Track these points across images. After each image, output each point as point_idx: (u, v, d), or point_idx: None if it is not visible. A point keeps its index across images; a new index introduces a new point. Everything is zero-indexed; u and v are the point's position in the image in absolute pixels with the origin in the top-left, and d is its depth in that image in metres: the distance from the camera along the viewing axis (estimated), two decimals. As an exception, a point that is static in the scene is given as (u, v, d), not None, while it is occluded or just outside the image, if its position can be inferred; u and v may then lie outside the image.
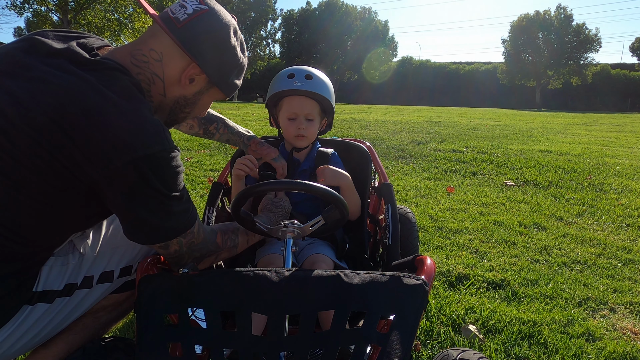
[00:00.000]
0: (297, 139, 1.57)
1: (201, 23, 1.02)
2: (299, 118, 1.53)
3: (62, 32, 1.05)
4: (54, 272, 1.07)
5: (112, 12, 20.20)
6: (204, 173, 4.69)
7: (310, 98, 1.51)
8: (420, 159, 5.70)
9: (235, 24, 1.11)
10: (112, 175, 0.89)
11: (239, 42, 1.12)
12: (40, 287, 1.04)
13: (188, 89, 1.11)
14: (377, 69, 45.35)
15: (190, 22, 1.01)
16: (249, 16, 40.37)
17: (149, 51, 1.03)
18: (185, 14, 1.01)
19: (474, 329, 1.80)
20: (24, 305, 1.02)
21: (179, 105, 1.14)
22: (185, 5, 1.03)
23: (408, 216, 2.17)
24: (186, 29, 1.01)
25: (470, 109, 23.69)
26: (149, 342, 0.96)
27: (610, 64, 45.37)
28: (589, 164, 5.49)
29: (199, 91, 1.13)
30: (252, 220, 1.26)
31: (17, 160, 0.88)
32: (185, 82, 1.08)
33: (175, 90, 1.09)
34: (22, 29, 49.58)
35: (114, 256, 1.20)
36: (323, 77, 1.53)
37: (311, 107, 1.53)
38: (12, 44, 1.00)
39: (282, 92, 1.51)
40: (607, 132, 10.31)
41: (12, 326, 1.01)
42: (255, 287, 1.01)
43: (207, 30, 1.03)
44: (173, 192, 0.98)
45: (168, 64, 1.05)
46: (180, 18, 1.01)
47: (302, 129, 1.53)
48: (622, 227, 3.24)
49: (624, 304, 2.11)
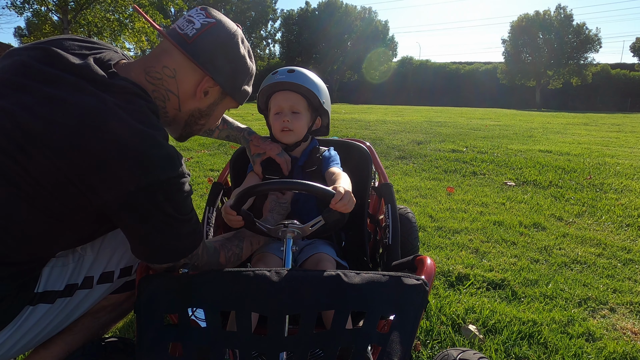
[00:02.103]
0: (283, 134, 1.54)
1: (210, 37, 1.04)
2: (283, 112, 1.53)
3: (78, 42, 1.05)
4: (54, 273, 1.07)
5: (112, 12, 20.18)
6: (204, 173, 4.69)
7: (294, 92, 1.51)
8: (420, 159, 5.70)
9: (242, 33, 1.13)
10: (125, 199, 0.91)
11: (247, 50, 1.14)
12: (42, 287, 1.04)
13: (202, 102, 1.13)
14: (377, 69, 45.33)
15: (200, 37, 1.03)
16: (249, 16, 40.39)
17: (162, 68, 1.05)
18: (194, 29, 1.03)
19: (474, 329, 1.80)
20: (25, 306, 1.02)
21: (194, 117, 1.16)
22: (193, 20, 1.05)
23: (408, 216, 2.17)
24: (196, 44, 1.03)
25: (470, 109, 23.69)
26: (149, 342, 0.96)
27: (610, 64, 45.31)
28: (589, 164, 5.49)
29: (213, 103, 1.15)
30: (252, 220, 1.26)
31: (32, 176, 0.89)
32: (200, 95, 1.10)
33: (190, 104, 1.11)
34: (22, 29, 49.57)
35: (114, 257, 1.20)
36: (308, 73, 1.53)
37: (295, 100, 1.52)
38: (26, 52, 0.99)
39: (266, 89, 1.53)
40: (607, 132, 10.31)
41: (13, 327, 1.01)
42: (255, 287, 1.01)
43: (217, 43, 1.05)
44: (182, 216, 1.00)
45: (182, 80, 1.06)
46: (189, 34, 1.03)
47: (286, 121, 1.51)
48: (622, 227, 3.24)
49: (624, 304, 2.11)
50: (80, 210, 0.94)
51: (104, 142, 0.88)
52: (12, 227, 0.92)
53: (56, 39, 1.04)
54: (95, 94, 0.92)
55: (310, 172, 1.54)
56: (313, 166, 1.56)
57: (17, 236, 0.94)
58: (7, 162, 0.89)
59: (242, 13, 40.06)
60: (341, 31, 43.92)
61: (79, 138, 0.87)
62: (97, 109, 0.90)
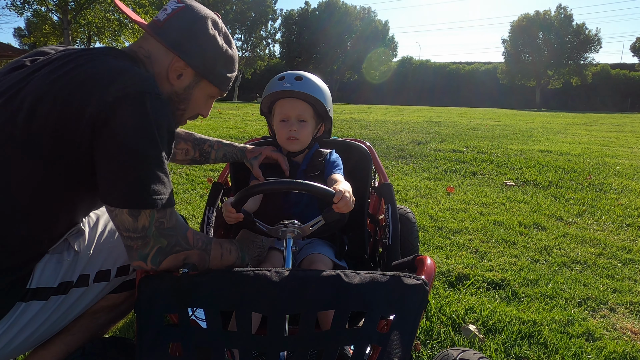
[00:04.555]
0: (288, 142, 1.53)
1: (179, 19, 1.13)
2: (290, 120, 1.50)
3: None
4: (48, 270, 1.07)
5: (112, 12, 20.19)
6: (204, 173, 4.69)
7: (301, 100, 1.49)
8: (420, 159, 5.70)
9: (216, 17, 1.21)
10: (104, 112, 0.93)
11: (222, 34, 1.20)
12: (34, 284, 1.04)
13: (177, 84, 1.18)
14: (377, 69, 45.34)
15: (169, 20, 1.13)
16: (249, 16, 40.33)
17: (138, 48, 1.16)
18: (165, 14, 1.14)
19: (474, 329, 1.80)
20: (17, 302, 1.02)
21: (173, 102, 1.20)
22: (166, 7, 1.16)
23: (408, 216, 2.17)
24: (165, 27, 1.13)
25: (470, 109, 23.69)
26: (149, 342, 0.96)
27: (610, 64, 45.34)
28: (589, 164, 5.49)
29: (188, 85, 1.20)
30: (252, 220, 1.26)
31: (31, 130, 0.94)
32: (172, 76, 1.16)
33: (166, 86, 1.17)
34: (22, 29, 49.59)
35: (111, 255, 1.20)
36: (315, 80, 1.51)
37: (302, 108, 1.50)
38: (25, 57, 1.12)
39: (272, 95, 1.50)
40: (607, 132, 10.31)
41: (6, 323, 1.01)
42: (255, 287, 1.01)
43: (185, 25, 1.13)
44: (156, 151, 0.98)
45: (156, 61, 1.15)
46: (160, 19, 1.14)
47: (293, 130, 1.49)
48: (622, 227, 3.24)
49: (624, 303, 2.11)
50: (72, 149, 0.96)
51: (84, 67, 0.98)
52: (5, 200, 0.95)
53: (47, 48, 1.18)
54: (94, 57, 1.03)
55: (313, 177, 1.53)
56: (316, 171, 1.55)
57: (14, 210, 0.96)
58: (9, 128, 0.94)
59: (242, 13, 40.01)
60: (341, 31, 43.93)
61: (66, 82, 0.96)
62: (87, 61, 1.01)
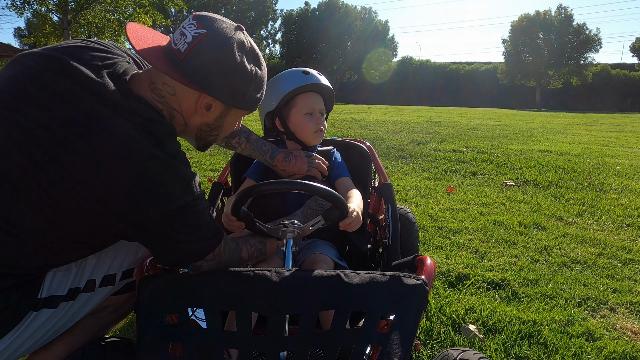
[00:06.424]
0: (317, 135, 1.57)
1: (203, 50, 0.97)
2: (315, 113, 1.55)
3: (90, 51, 1.01)
4: (57, 278, 1.07)
5: (112, 12, 20.17)
6: (204, 173, 4.69)
7: (320, 94, 1.57)
8: (420, 159, 5.70)
9: (241, 36, 1.03)
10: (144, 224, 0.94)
11: (251, 54, 1.05)
12: (45, 293, 1.05)
13: (208, 117, 1.09)
14: (377, 69, 45.31)
15: (192, 52, 0.97)
16: (249, 16, 40.35)
17: (162, 85, 1.02)
18: (186, 43, 0.98)
19: (474, 329, 1.80)
20: (29, 312, 1.03)
21: (204, 131, 1.14)
22: (185, 32, 0.99)
23: (408, 216, 2.17)
24: (189, 61, 0.97)
25: (470, 109, 23.68)
26: (149, 342, 0.96)
27: (610, 64, 45.28)
28: (589, 164, 5.49)
29: (219, 116, 1.11)
30: (252, 220, 1.26)
31: (52, 198, 0.89)
32: (202, 111, 1.06)
33: (195, 119, 1.09)
34: (22, 30, 49.58)
35: (116, 259, 1.20)
36: None
37: (322, 102, 1.59)
38: (40, 59, 0.96)
39: (300, 88, 1.51)
40: (607, 132, 10.31)
41: (16, 332, 1.02)
42: (255, 287, 1.01)
43: (210, 57, 0.98)
44: (201, 229, 1.04)
45: (182, 97, 1.03)
46: (182, 49, 0.98)
47: (320, 123, 1.56)
48: (622, 227, 3.24)
49: (624, 303, 2.11)
50: (98, 231, 0.96)
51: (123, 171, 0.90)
52: (29, 242, 0.93)
53: (68, 46, 1.00)
54: (113, 120, 0.91)
55: None
56: None
57: (32, 251, 0.95)
58: (26, 180, 0.88)
59: (242, 13, 40.05)
60: (341, 31, 43.90)
61: (99, 167, 0.88)
62: (117, 139, 0.90)
